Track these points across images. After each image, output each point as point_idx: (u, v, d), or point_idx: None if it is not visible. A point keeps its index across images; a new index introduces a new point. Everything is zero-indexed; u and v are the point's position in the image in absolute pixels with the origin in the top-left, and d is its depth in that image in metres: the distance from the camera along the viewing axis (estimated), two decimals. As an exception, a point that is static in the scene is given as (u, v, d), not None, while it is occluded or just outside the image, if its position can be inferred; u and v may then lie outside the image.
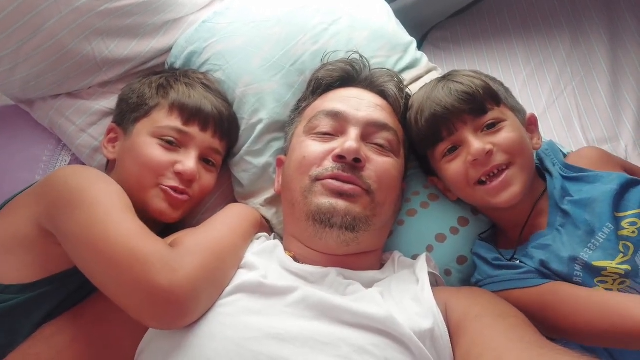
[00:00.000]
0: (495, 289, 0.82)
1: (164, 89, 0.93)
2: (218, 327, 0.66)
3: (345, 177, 0.78)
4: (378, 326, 0.66)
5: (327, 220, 0.77)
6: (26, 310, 0.75)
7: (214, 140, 0.92)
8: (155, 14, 1.04)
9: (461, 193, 0.90)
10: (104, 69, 1.01)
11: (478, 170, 0.83)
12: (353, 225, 0.77)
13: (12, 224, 0.77)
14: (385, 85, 0.92)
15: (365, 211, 0.79)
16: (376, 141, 0.84)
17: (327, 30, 1.04)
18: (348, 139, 0.80)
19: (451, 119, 0.85)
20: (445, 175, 0.89)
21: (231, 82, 1.01)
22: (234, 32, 1.04)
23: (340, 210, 0.77)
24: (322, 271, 0.77)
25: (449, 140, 0.87)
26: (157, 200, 0.86)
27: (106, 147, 0.94)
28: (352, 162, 0.79)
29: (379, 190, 0.81)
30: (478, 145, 0.82)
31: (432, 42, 1.48)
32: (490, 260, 0.86)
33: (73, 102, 1.03)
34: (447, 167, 0.87)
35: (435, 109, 0.86)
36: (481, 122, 0.85)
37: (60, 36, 0.93)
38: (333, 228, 0.77)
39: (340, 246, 0.79)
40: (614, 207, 0.79)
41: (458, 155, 0.86)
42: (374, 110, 0.87)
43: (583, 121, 1.25)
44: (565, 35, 1.41)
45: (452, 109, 0.85)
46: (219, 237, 0.77)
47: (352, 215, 0.77)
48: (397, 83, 0.94)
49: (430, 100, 0.88)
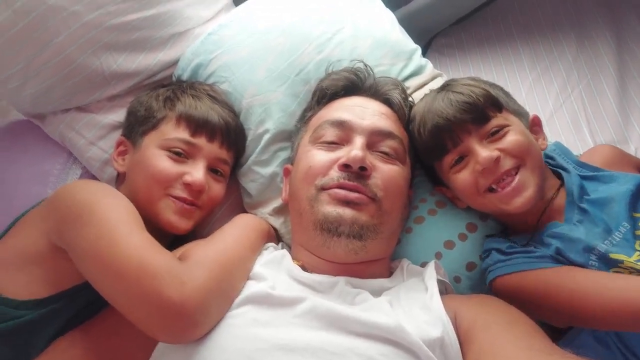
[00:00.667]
0: (508, 270, 0.82)
1: (171, 101, 0.94)
2: (228, 339, 0.66)
3: (351, 185, 0.79)
4: (387, 335, 0.66)
5: (335, 229, 0.77)
6: (40, 325, 0.76)
7: (221, 151, 0.93)
8: (162, 27, 1.05)
9: (472, 202, 0.90)
10: (113, 82, 1.03)
11: (488, 178, 0.83)
12: (360, 233, 0.77)
13: (23, 241, 0.79)
14: (390, 93, 0.92)
15: (373, 219, 0.79)
16: (382, 149, 0.85)
17: (331, 40, 1.05)
18: (353, 148, 0.80)
19: (455, 130, 0.85)
20: (455, 185, 0.89)
21: (237, 93, 1.02)
22: (239, 44, 1.05)
23: (347, 219, 0.77)
24: (331, 280, 0.77)
25: (455, 151, 0.86)
26: (167, 212, 0.87)
27: (116, 160, 0.95)
28: (357, 171, 0.79)
29: (385, 198, 0.81)
30: (485, 154, 0.82)
31: (436, 49, 1.48)
32: (504, 249, 0.86)
33: (83, 116, 1.04)
34: (456, 177, 0.87)
35: (437, 121, 0.86)
36: (485, 130, 0.85)
37: (69, 51, 0.95)
38: (341, 237, 0.77)
39: (349, 255, 0.79)
40: (631, 207, 0.79)
41: (466, 165, 0.86)
42: (379, 118, 0.87)
43: (591, 125, 1.24)
44: (570, 38, 1.41)
45: (454, 120, 0.85)
46: (228, 249, 0.77)
47: (359, 223, 0.77)
48: (402, 91, 0.94)
49: (432, 113, 0.88)
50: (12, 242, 0.80)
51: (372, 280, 0.80)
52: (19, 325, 0.74)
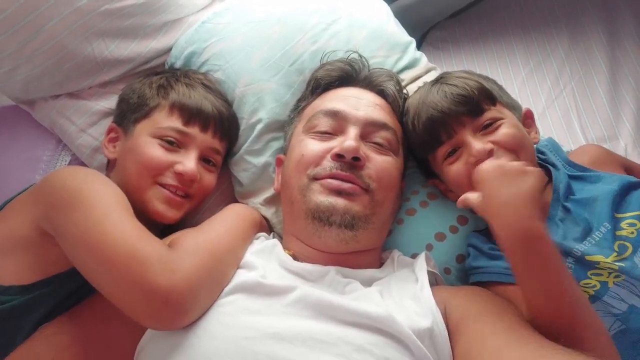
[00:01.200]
0: (485, 279, 0.83)
1: (164, 89, 0.93)
2: (217, 327, 0.66)
3: (344, 175, 0.79)
4: (377, 325, 0.66)
5: (326, 218, 0.77)
6: (26, 310, 0.75)
7: (214, 141, 0.93)
8: (155, 14, 1.04)
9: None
10: (105, 69, 1.02)
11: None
12: (352, 223, 0.78)
13: (11, 225, 0.78)
14: (385, 84, 0.92)
15: (365, 210, 0.79)
16: (375, 140, 0.85)
17: (326, 30, 1.05)
18: (347, 138, 0.80)
19: (449, 122, 0.86)
20: (448, 177, 0.89)
21: (231, 82, 1.02)
22: (233, 32, 1.05)
23: (340, 208, 0.77)
24: (321, 269, 0.77)
25: (448, 143, 0.87)
26: (156, 202, 0.86)
27: (107, 147, 0.94)
28: (351, 161, 0.79)
29: (378, 189, 0.81)
30: (479, 146, 0.82)
31: (431, 43, 1.48)
32: (485, 250, 0.86)
33: (74, 103, 1.03)
34: (449, 169, 0.87)
35: (431, 113, 0.86)
36: (479, 122, 0.85)
37: (61, 37, 0.94)
38: (332, 226, 0.77)
39: (339, 244, 0.79)
40: (613, 208, 0.80)
41: (459, 156, 0.86)
42: (373, 109, 0.87)
43: (582, 121, 1.25)
44: (563, 34, 1.41)
45: (448, 112, 0.85)
46: (218, 237, 0.77)
47: (351, 213, 0.78)
48: (396, 83, 0.94)
49: (426, 105, 0.88)
50: (0, 228, 0.80)
51: (362, 271, 0.81)
52: (5, 311, 0.73)
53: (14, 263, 0.76)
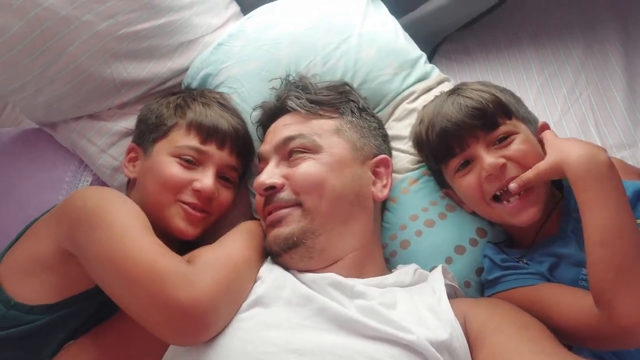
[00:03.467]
0: (501, 289, 0.83)
1: (181, 108, 0.95)
2: (237, 343, 0.66)
3: (270, 208, 0.83)
4: (394, 338, 0.66)
5: (271, 251, 0.82)
6: (51, 330, 0.76)
7: (230, 158, 0.94)
8: (171, 36, 1.06)
9: (477, 208, 0.90)
10: (123, 90, 1.04)
11: (493, 185, 0.83)
12: (292, 242, 0.80)
13: (34, 247, 0.80)
14: (287, 101, 0.93)
15: (299, 223, 0.81)
16: (292, 153, 0.86)
17: (336, 50, 1.06)
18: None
19: (462, 135, 0.85)
20: (460, 189, 0.89)
21: (246, 105, 1.04)
22: (248, 56, 1.07)
23: (272, 239, 0.82)
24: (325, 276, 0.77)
25: (461, 155, 0.87)
26: (176, 219, 0.88)
27: (127, 167, 0.96)
28: (268, 192, 0.83)
29: (306, 196, 0.82)
30: (491, 160, 0.82)
31: (443, 55, 1.48)
32: (498, 262, 0.86)
33: (94, 124, 1.06)
34: (461, 181, 0.87)
35: (445, 125, 0.86)
36: (493, 136, 0.85)
37: (80, 60, 0.97)
38: (281, 255, 0.81)
39: (307, 262, 0.80)
40: None
41: (471, 169, 0.86)
42: (281, 131, 0.89)
43: (600, 128, 1.23)
44: (578, 42, 1.40)
45: (462, 125, 0.85)
46: (235, 252, 0.79)
47: (282, 237, 0.81)
48: (296, 89, 0.94)
49: (440, 116, 0.88)
50: (24, 248, 0.81)
51: (368, 279, 0.80)
52: (31, 330, 0.75)
53: (39, 283, 0.77)
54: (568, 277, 0.79)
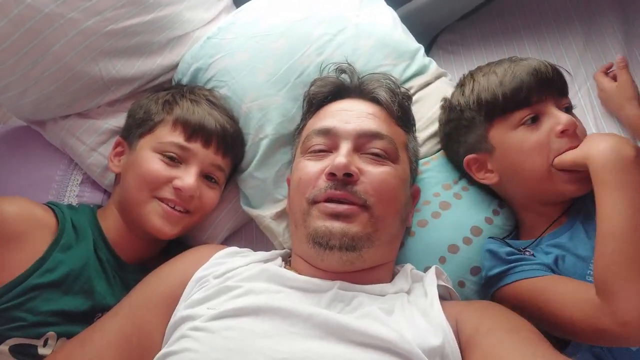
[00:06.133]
0: (506, 281, 0.82)
1: (169, 104, 0.94)
2: (225, 353, 0.65)
3: (338, 195, 0.77)
4: (386, 345, 0.65)
5: (325, 243, 0.76)
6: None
7: (216, 157, 0.92)
8: (160, 31, 1.04)
9: (527, 171, 0.86)
10: (112, 88, 1.02)
11: (564, 143, 0.83)
12: (353, 245, 0.76)
13: None
14: (376, 91, 0.89)
15: (365, 229, 0.77)
16: (371, 151, 0.82)
17: (331, 41, 1.04)
18: (338, 155, 0.79)
19: (544, 87, 0.86)
20: (524, 144, 0.86)
21: (237, 97, 1.01)
22: (238, 48, 1.04)
23: (337, 232, 0.75)
24: (327, 283, 0.76)
25: (533, 107, 0.86)
26: (153, 216, 0.87)
27: (112, 161, 0.96)
28: (344, 178, 0.77)
29: (377, 204, 0.78)
30: (569, 116, 0.83)
31: (441, 46, 1.45)
32: (502, 255, 0.85)
33: (83, 122, 1.04)
34: (527, 136, 0.85)
35: (531, 72, 0.87)
36: (563, 102, 0.88)
37: (67, 59, 0.94)
38: (333, 250, 0.76)
39: (345, 265, 0.78)
40: None
41: (540, 125, 0.85)
42: (365, 119, 0.84)
43: (599, 122, 1.21)
44: (578, 34, 1.37)
45: (547, 76, 0.87)
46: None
47: (350, 235, 0.75)
48: (389, 86, 0.91)
49: (524, 67, 0.88)
50: None
51: (372, 286, 0.79)
52: None
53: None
54: (575, 271, 0.79)
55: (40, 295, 0.78)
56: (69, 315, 0.80)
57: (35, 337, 0.77)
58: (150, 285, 0.82)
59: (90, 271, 0.84)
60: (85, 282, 0.83)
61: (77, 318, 0.81)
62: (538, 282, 0.79)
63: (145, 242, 0.93)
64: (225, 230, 1.06)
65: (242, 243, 1.07)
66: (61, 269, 0.81)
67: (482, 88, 0.91)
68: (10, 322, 0.76)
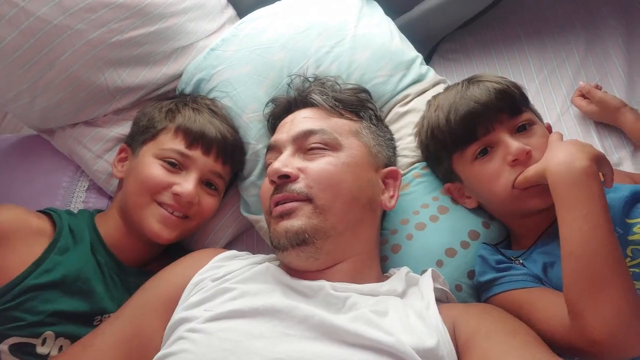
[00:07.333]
0: (495, 291, 0.82)
1: (172, 113, 0.97)
2: (221, 354, 0.66)
3: (279, 197, 0.80)
4: (380, 346, 0.66)
5: (277, 244, 0.78)
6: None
7: (216, 164, 0.95)
8: (165, 42, 1.07)
9: (493, 196, 0.88)
10: (117, 97, 1.05)
11: (516, 171, 0.82)
12: (302, 239, 0.77)
13: None
14: (310, 96, 0.93)
15: (310, 219, 0.78)
16: (310, 147, 0.85)
17: (329, 53, 1.06)
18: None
19: (489, 117, 0.85)
20: (479, 176, 0.87)
21: (238, 108, 1.04)
22: (240, 60, 1.07)
23: (281, 231, 0.78)
24: (318, 284, 0.77)
25: (482, 140, 0.86)
26: (151, 220, 0.89)
27: (115, 166, 0.98)
28: (282, 181, 0.80)
29: (319, 193, 0.79)
30: (518, 145, 0.81)
31: (441, 55, 1.46)
32: (492, 263, 0.85)
33: (90, 130, 1.07)
34: (482, 168, 0.86)
35: (472, 106, 0.86)
36: (516, 122, 0.86)
37: (74, 69, 0.98)
38: (287, 250, 0.77)
39: (309, 262, 0.79)
40: (624, 213, 0.79)
41: (493, 156, 0.85)
42: (299, 124, 0.88)
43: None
44: (579, 39, 1.37)
45: (490, 106, 0.85)
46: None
47: (293, 231, 0.77)
48: (320, 86, 0.95)
49: (466, 99, 0.87)
50: None
51: (362, 285, 0.79)
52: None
53: None
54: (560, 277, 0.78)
55: (39, 295, 0.81)
56: (67, 316, 0.82)
57: (34, 337, 0.79)
58: (150, 289, 0.83)
59: (88, 273, 0.87)
60: (83, 283, 0.85)
61: (76, 318, 0.83)
62: (523, 294, 0.79)
63: (145, 246, 0.95)
64: (227, 236, 1.08)
65: (243, 248, 1.07)
66: (59, 270, 0.83)
67: (434, 125, 0.92)
68: (9, 322, 0.78)
